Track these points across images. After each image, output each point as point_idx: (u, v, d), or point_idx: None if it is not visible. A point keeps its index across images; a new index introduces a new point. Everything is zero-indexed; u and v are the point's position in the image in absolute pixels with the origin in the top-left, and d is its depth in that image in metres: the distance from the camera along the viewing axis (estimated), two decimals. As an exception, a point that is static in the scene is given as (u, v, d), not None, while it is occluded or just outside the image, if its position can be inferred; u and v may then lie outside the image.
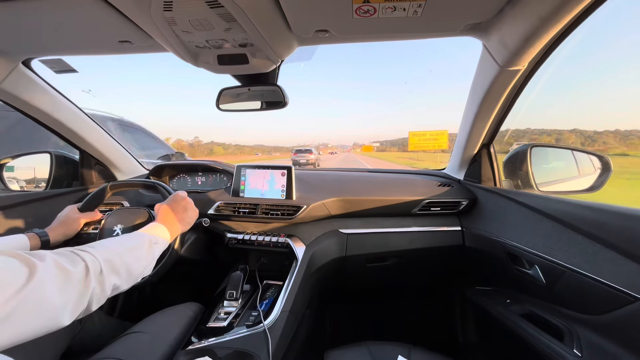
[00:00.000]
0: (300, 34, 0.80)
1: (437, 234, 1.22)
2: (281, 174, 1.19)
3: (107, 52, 0.93)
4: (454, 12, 0.69)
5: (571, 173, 1.10)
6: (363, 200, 1.21)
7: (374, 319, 1.61)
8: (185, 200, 0.89)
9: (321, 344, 1.46)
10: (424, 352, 0.85)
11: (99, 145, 1.34)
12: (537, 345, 0.78)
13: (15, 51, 0.94)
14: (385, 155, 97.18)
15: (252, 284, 1.08)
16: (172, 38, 0.75)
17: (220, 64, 0.88)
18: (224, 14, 0.65)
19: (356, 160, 31.67)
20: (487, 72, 0.90)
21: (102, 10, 0.68)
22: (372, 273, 1.34)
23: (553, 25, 0.67)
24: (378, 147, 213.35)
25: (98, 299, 0.53)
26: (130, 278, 0.62)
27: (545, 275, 0.80)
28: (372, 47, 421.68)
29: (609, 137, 76.05)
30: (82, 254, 0.53)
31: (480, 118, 1.05)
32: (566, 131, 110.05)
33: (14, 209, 1.13)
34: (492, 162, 1.16)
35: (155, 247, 0.72)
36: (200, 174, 1.42)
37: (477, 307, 1.15)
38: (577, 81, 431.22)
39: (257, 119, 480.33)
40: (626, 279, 0.60)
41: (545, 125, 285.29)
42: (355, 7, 0.66)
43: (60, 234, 0.89)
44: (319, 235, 1.20)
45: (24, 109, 1.10)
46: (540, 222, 0.85)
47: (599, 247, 0.67)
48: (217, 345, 0.77)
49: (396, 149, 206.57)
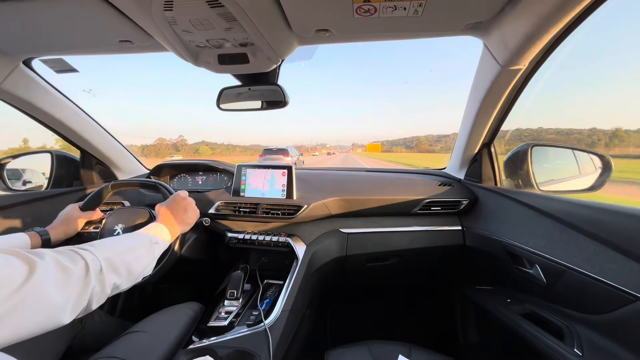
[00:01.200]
0: (300, 34, 0.79)
1: (437, 234, 1.22)
2: (282, 174, 1.19)
3: (107, 51, 0.93)
4: (455, 11, 0.69)
5: (572, 172, 1.10)
6: (363, 200, 1.21)
7: (374, 318, 1.61)
8: (186, 201, 0.89)
9: (322, 343, 1.46)
10: (424, 352, 0.85)
11: (100, 144, 1.34)
12: (538, 344, 0.78)
13: (15, 51, 0.94)
14: (393, 156, 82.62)
15: (253, 283, 1.08)
16: (172, 38, 0.75)
17: (220, 64, 0.89)
18: (224, 14, 0.65)
19: (356, 162, 31.37)
20: (487, 72, 0.90)
21: (102, 9, 0.68)
22: (373, 272, 1.34)
23: (554, 24, 0.67)
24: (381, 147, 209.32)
25: (98, 298, 0.53)
26: (131, 277, 0.62)
27: (545, 275, 0.80)
28: (373, 47, 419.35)
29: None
30: (82, 252, 0.53)
31: (480, 117, 1.05)
32: (587, 130, 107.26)
33: (14, 209, 1.13)
34: (492, 162, 1.16)
35: (156, 246, 0.72)
36: (200, 174, 1.42)
37: (477, 307, 1.15)
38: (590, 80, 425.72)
39: (257, 119, 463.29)
40: (627, 278, 0.60)
41: (560, 124, 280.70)
42: (356, 6, 0.66)
43: (61, 233, 0.90)
44: (320, 235, 1.20)
45: (24, 108, 1.11)
46: (541, 221, 0.85)
47: (599, 246, 0.67)
48: (218, 345, 0.77)
49: (404, 149, 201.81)
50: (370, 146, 77.89)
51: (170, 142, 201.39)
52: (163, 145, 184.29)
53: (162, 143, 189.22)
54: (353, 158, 46.64)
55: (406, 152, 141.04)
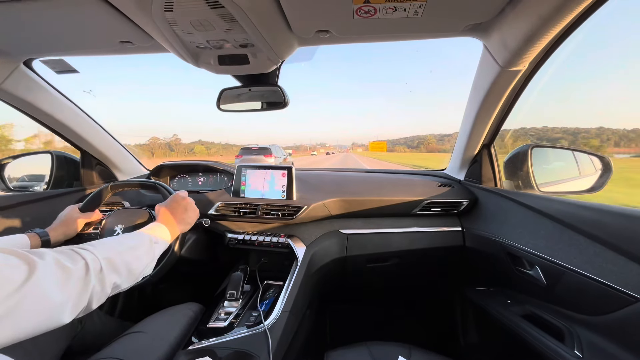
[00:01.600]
0: (300, 35, 0.80)
1: (437, 235, 1.22)
2: (282, 175, 1.19)
3: (108, 52, 0.93)
4: (455, 12, 0.69)
5: (572, 173, 1.10)
6: (363, 201, 1.21)
7: (374, 319, 1.61)
8: (186, 201, 0.89)
9: (321, 344, 1.46)
10: (424, 353, 0.84)
11: (100, 145, 1.34)
12: (538, 345, 0.78)
13: (16, 51, 0.94)
14: (397, 156, 72.94)
15: (253, 284, 1.08)
16: (172, 38, 0.75)
17: (220, 65, 0.89)
18: (224, 15, 0.65)
19: (357, 162, 30.85)
20: (487, 73, 0.90)
21: (103, 10, 0.69)
22: (373, 273, 1.34)
23: (554, 25, 0.67)
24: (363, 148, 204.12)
25: (98, 298, 0.53)
26: (131, 277, 0.62)
27: (545, 276, 0.80)
28: (374, 47, 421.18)
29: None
30: (82, 252, 0.53)
31: (480, 118, 1.05)
32: (594, 129, 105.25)
33: (14, 209, 1.13)
34: (492, 163, 1.16)
35: (156, 246, 0.72)
36: (200, 174, 1.42)
37: (477, 308, 1.15)
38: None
39: (257, 119, 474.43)
40: (627, 279, 0.60)
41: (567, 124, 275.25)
42: (356, 7, 0.66)
43: (60, 234, 0.90)
44: (320, 236, 1.20)
45: (25, 109, 1.11)
46: (541, 222, 0.85)
47: (599, 247, 0.67)
48: (218, 346, 0.77)
49: (407, 149, 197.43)
50: (373, 145, 69.21)
51: (164, 141, 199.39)
52: (157, 144, 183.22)
53: (156, 142, 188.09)
54: (353, 157, 45.12)
55: (410, 152, 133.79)
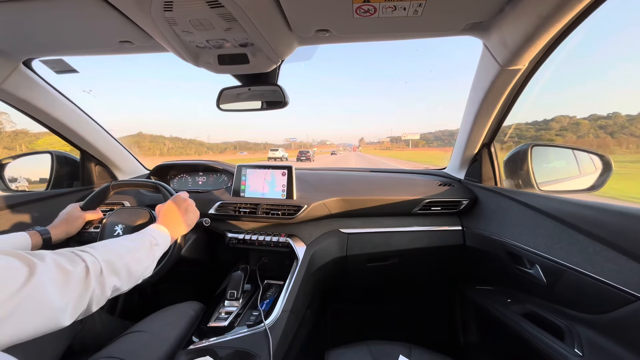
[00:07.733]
0: (300, 34, 0.80)
1: (437, 234, 1.22)
2: (282, 174, 1.19)
3: (107, 52, 0.94)
4: (455, 11, 0.69)
5: (572, 172, 1.10)
6: (363, 200, 1.21)
7: (374, 318, 1.61)
8: (187, 202, 0.89)
9: (322, 343, 1.46)
10: (424, 352, 0.84)
11: (100, 145, 1.34)
12: (538, 344, 0.78)
13: (16, 51, 0.94)
14: (409, 154, 54.53)
15: (253, 283, 1.08)
16: (172, 38, 0.75)
17: (220, 64, 0.89)
18: (224, 14, 0.65)
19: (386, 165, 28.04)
20: (487, 72, 0.90)
21: (102, 10, 0.68)
22: (373, 273, 1.34)
23: (554, 24, 0.67)
24: (386, 144, 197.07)
25: (98, 300, 0.53)
26: (131, 279, 0.62)
27: (546, 275, 0.80)
28: (374, 48, 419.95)
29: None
30: (83, 254, 0.53)
31: (480, 117, 1.05)
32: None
33: (15, 209, 1.13)
34: (492, 162, 1.16)
35: (156, 248, 0.72)
36: (201, 174, 1.42)
37: (477, 307, 1.15)
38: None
39: (257, 119, 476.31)
40: (627, 278, 0.60)
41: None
42: (356, 6, 0.66)
43: (62, 232, 0.90)
44: (320, 235, 1.20)
45: (25, 109, 1.11)
46: (541, 221, 0.85)
47: (600, 246, 0.67)
48: (218, 345, 0.77)
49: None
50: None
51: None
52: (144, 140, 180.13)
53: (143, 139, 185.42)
54: (354, 158, 35.05)
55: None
